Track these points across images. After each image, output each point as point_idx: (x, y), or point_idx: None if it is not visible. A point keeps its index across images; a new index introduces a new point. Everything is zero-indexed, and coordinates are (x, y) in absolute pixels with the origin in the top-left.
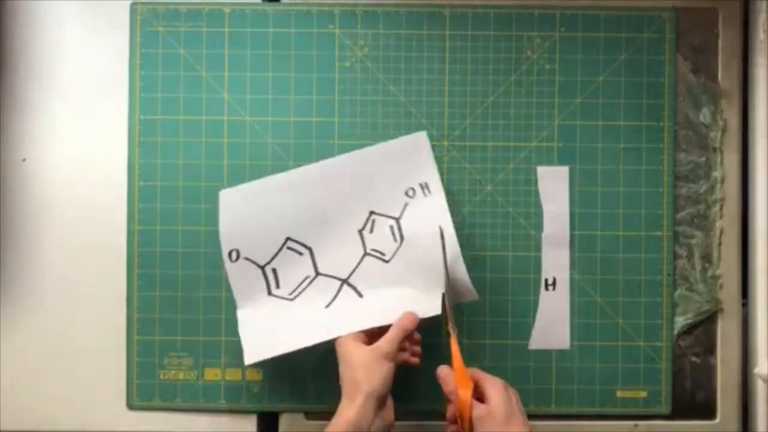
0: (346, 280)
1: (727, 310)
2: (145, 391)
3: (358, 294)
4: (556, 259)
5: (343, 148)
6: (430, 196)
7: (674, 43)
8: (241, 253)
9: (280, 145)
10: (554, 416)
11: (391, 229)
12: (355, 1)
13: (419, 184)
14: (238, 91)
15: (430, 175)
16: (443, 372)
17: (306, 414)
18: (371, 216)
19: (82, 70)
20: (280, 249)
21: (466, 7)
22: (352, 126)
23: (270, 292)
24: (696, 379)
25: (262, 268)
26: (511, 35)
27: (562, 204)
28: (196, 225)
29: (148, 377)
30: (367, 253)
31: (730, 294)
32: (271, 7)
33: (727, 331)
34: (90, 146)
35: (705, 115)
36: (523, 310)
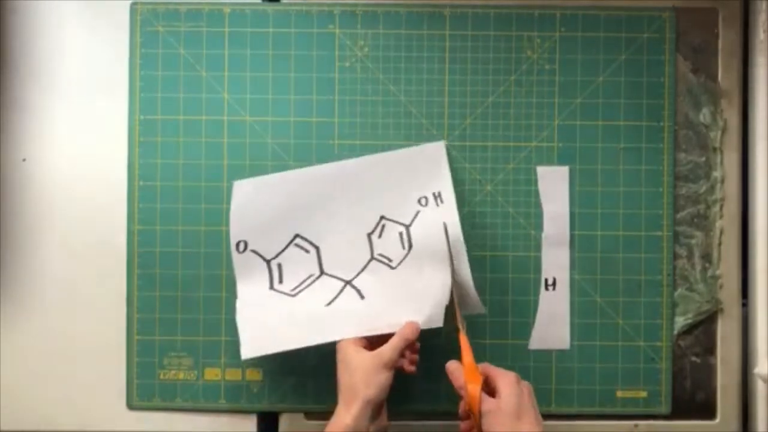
0: (350, 282)
1: (727, 310)
2: (145, 391)
3: (360, 296)
4: (556, 259)
5: (343, 148)
6: (441, 205)
7: (674, 43)
8: (249, 245)
9: (280, 145)
10: (554, 416)
11: (400, 236)
12: (355, 1)
13: (432, 193)
14: (238, 91)
15: (444, 185)
16: (452, 366)
17: (306, 414)
18: (381, 221)
19: (82, 70)
20: (288, 245)
21: (466, 7)
22: (352, 126)
23: (272, 287)
24: (696, 379)
25: (268, 262)
26: (511, 35)
27: (562, 204)
28: (196, 225)
29: (148, 377)
30: (374, 258)
31: (730, 294)
32: (271, 7)
33: (727, 331)
34: (90, 146)
35: (705, 115)
36: (523, 310)
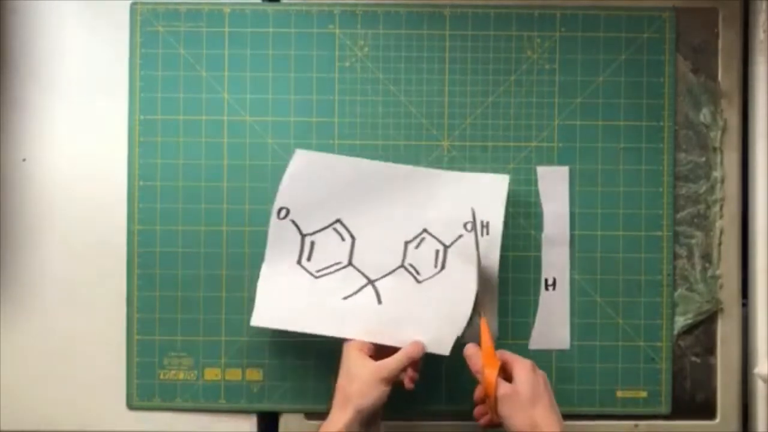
0: (373, 282)
1: (727, 310)
2: (145, 391)
3: (378, 299)
4: (556, 259)
5: (343, 147)
6: (486, 237)
7: (674, 43)
8: (290, 214)
9: (280, 145)
10: None
11: (436, 253)
12: (355, 1)
13: (481, 221)
14: (238, 91)
15: (496, 218)
16: (470, 350)
17: (306, 414)
18: (423, 233)
19: (82, 70)
20: (327, 226)
21: (466, 7)
22: (352, 126)
23: (299, 261)
24: (696, 379)
25: (303, 236)
26: (511, 35)
27: (562, 204)
28: (196, 225)
29: (148, 377)
30: (403, 265)
31: (730, 294)
32: (271, 7)
33: (727, 331)
34: (90, 146)
35: (705, 115)
36: (523, 310)
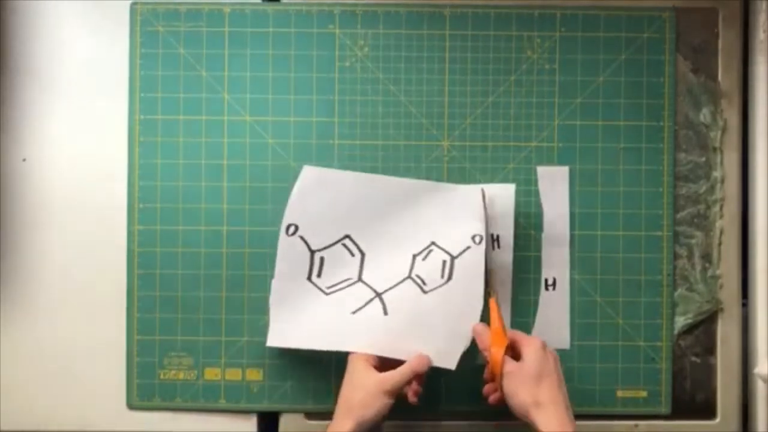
0: (380, 295)
1: (727, 310)
2: (145, 391)
3: (384, 311)
4: (556, 259)
5: (343, 147)
6: (498, 250)
7: (674, 43)
8: (299, 230)
9: (280, 145)
10: None
11: (443, 264)
12: (355, 1)
13: (492, 235)
14: (238, 91)
15: (506, 231)
16: (479, 328)
17: (306, 414)
18: (431, 245)
19: (82, 70)
20: (336, 242)
21: (466, 7)
22: (352, 126)
23: (309, 277)
24: (696, 379)
25: (312, 253)
26: (511, 35)
27: (562, 204)
28: (196, 225)
29: (148, 377)
30: (410, 276)
31: (730, 294)
32: (271, 7)
33: (727, 331)
34: (90, 146)
35: (705, 115)
36: (523, 310)
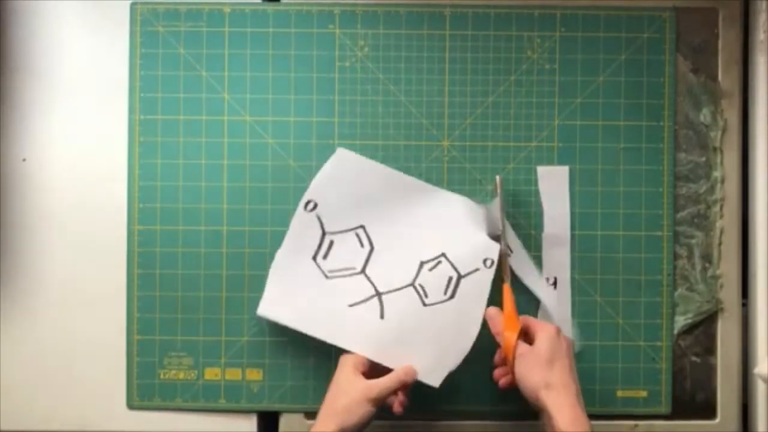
0: (380, 295)
1: (727, 310)
2: (145, 391)
3: (381, 314)
4: (556, 259)
5: (343, 147)
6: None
7: (674, 43)
8: (317, 209)
9: (280, 145)
10: None
11: (448, 280)
12: (355, 1)
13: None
14: (238, 91)
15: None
16: (492, 312)
17: (306, 414)
18: (440, 257)
19: (82, 70)
20: (350, 230)
21: (466, 7)
22: (352, 126)
23: (315, 257)
24: (696, 379)
25: (324, 234)
26: (511, 35)
27: (562, 204)
28: (196, 225)
29: (148, 377)
30: (413, 284)
31: (730, 294)
32: (271, 7)
33: (727, 331)
34: (90, 146)
35: (705, 115)
36: (523, 310)
